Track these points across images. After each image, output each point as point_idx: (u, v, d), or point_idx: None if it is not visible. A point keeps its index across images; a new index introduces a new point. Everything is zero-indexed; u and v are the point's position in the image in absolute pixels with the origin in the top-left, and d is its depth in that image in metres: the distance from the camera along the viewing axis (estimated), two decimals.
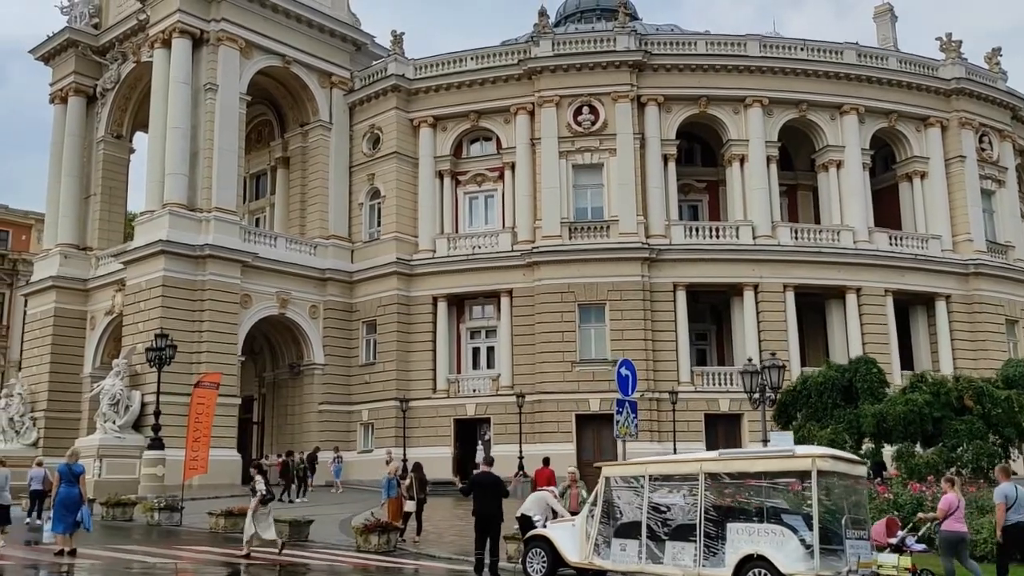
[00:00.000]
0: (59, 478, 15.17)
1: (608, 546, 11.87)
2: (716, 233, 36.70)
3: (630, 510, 11.83)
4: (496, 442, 35.48)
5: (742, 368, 21.76)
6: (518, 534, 14.63)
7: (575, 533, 12.36)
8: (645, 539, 11.42)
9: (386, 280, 37.84)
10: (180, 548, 16.67)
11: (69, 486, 15.02)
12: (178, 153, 34.64)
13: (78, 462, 16.06)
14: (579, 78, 37.04)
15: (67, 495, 14.91)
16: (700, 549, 10.89)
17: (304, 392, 37.89)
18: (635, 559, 11.51)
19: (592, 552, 12.00)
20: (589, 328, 35.60)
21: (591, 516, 12.25)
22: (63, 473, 15.21)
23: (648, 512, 11.50)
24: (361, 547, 17.03)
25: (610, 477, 12.17)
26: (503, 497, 13.63)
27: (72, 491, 14.98)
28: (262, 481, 16.20)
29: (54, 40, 40.50)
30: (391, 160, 38.87)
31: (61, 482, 15.04)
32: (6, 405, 37.23)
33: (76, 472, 15.39)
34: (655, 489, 11.61)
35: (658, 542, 11.35)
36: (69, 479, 15.14)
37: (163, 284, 33.14)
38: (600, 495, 12.16)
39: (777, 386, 19.90)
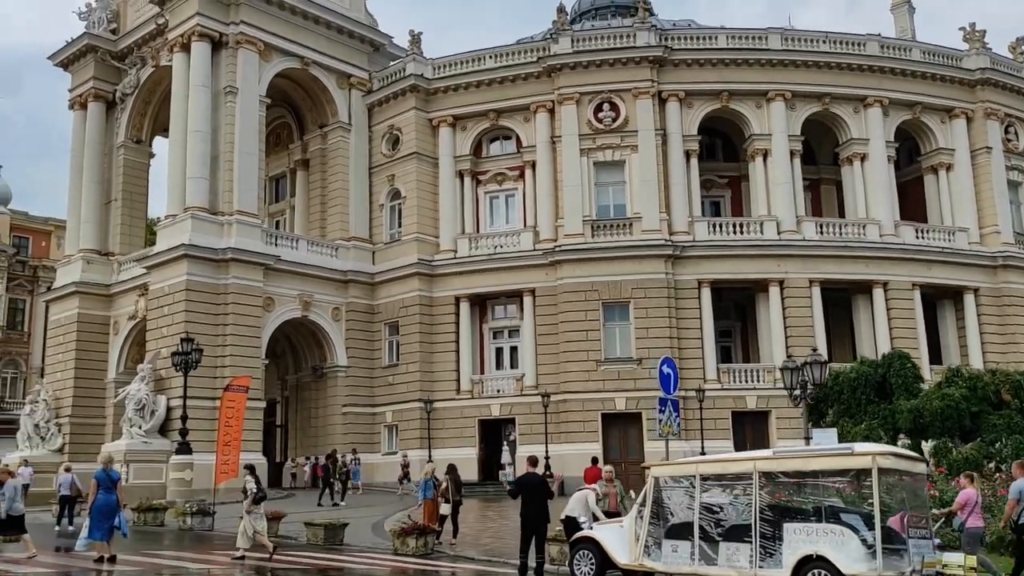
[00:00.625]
0: (97, 484, 15.06)
1: (659, 547, 11.63)
2: (740, 229, 36.36)
3: (681, 510, 11.59)
4: (521, 442, 35.28)
5: (782, 364, 21.41)
6: (560, 535, 14.41)
7: (623, 534, 12.13)
8: (698, 540, 11.17)
9: (408, 281, 37.68)
10: (216, 552, 16.53)
11: (107, 492, 14.95)
12: (199, 157, 34.60)
13: (113, 468, 15.95)
14: (599, 75, 36.78)
15: (105, 501, 14.85)
16: (756, 550, 10.64)
17: (328, 394, 37.79)
18: (687, 560, 11.26)
19: (642, 553, 11.76)
20: (613, 327, 35.31)
21: (640, 517, 12.01)
22: (101, 479, 15.11)
23: (700, 512, 11.25)
24: (398, 550, 16.85)
25: (659, 477, 11.94)
26: (548, 498, 13.41)
27: (110, 497, 14.93)
28: (253, 481, 16.18)
29: (73, 46, 40.55)
30: (411, 160, 38.72)
31: (99, 488, 14.93)
32: (31, 411, 37.31)
33: (113, 478, 15.32)
34: (706, 489, 11.37)
35: (711, 543, 11.10)
36: (107, 485, 15.06)
37: (186, 288, 33.07)
38: (649, 495, 11.92)
39: (819, 382, 19.57)
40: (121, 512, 15.30)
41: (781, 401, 33.92)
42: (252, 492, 15.98)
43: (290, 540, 19.26)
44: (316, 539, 18.31)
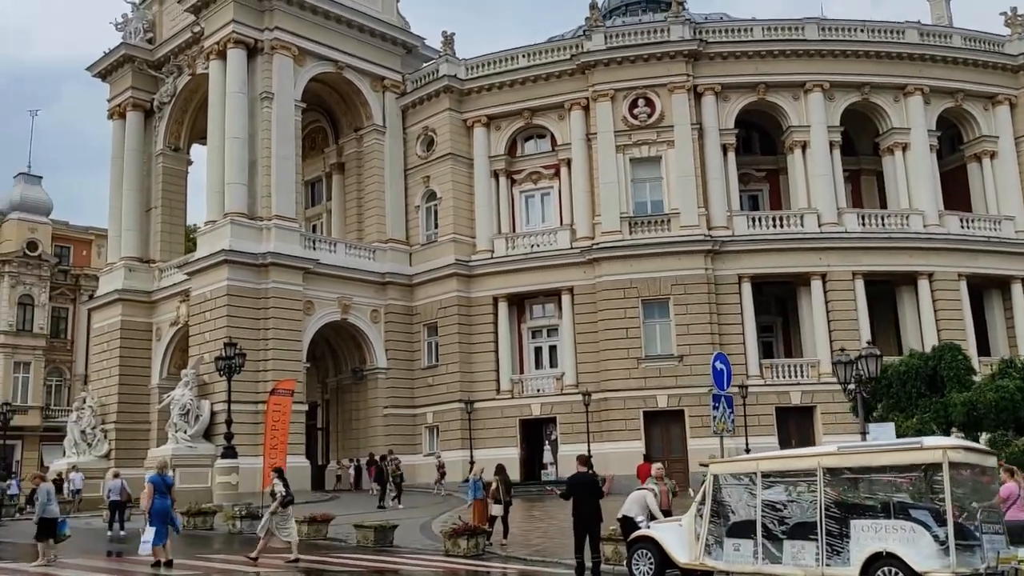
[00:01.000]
0: (153, 489, 15.14)
1: (720, 546, 11.44)
2: (780, 222, 35.92)
3: (742, 508, 11.39)
4: (563, 442, 35.16)
5: (834, 358, 21.03)
6: (614, 534, 14.24)
7: (683, 533, 11.94)
8: (761, 538, 10.96)
9: (446, 282, 37.69)
10: (270, 555, 16.56)
11: (163, 497, 15.06)
12: (237, 163, 34.87)
13: (168, 473, 16.07)
14: (634, 70, 36.52)
15: (163, 506, 14.96)
16: (822, 548, 10.41)
17: (368, 396, 37.91)
18: (750, 559, 11.05)
19: (703, 552, 11.57)
20: (653, 324, 35.04)
21: (699, 515, 11.82)
22: (157, 484, 15.20)
23: (762, 510, 11.04)
24: (449, 551, 16.78)
25: (719, 475, 11.73)
26: (600, 497, 13.26)
27: (166, 502, 15.07)
28: (281, 484, 16.19)
29: (110, 56, 41.07)
30: (446, 161, 38.73)
31: (156, 493, 15.04)
32: (77, 418, 37.81)
33: (168, 483, 15.44)
34: (769, 486, 11.14)
35: (775, 541, 10.88)
36: (163, 490, 15.16)
37: (227, 293, 33.34)
38: (708, 493, 11.72)
39: (875, 376, 19.20)
40: (176, 514, 15.46)
41: (826, 396, 33.69)
42: (280, 495, 15.99)
43: (339, 542, 19.29)
44: (366, 541, 18.29)
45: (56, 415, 55.46)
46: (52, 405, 55.68)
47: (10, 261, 53.66)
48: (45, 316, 55.16)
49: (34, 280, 54.65)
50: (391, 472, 28.77)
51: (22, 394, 52.58)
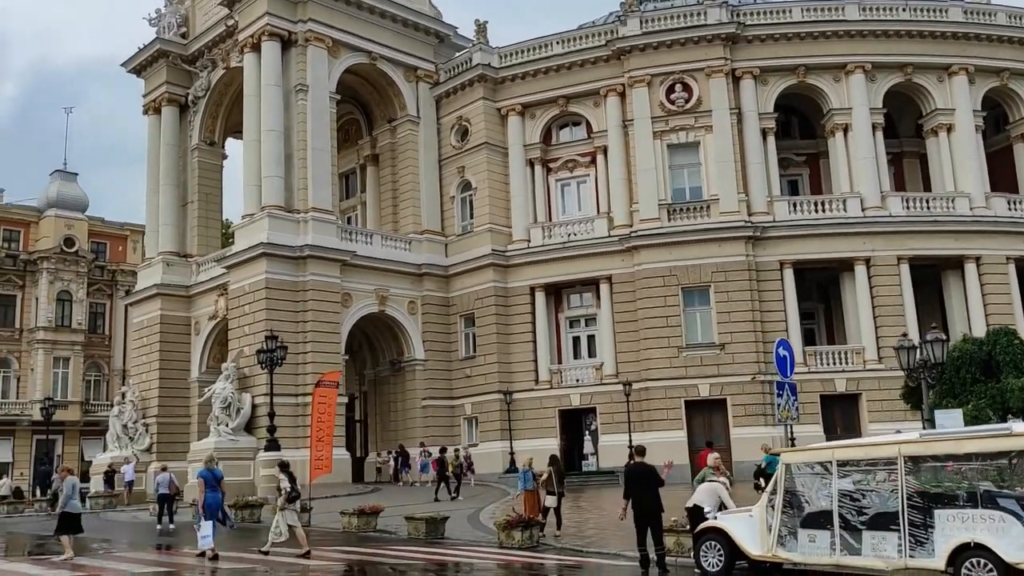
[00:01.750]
0: (204, 483, 15.07)
1: (794, 537, 11.10)
2: (822, 207, 35.29)
3: (817, 498, 11.03)
4: (603, 432, 34.91)
5: (898, 344, 20.54)
6: (675, 525, 13.90)
7: (754, 524, 11.61)
8: (838, 529, 10.61)
9: (482, 272, 37.47)
10: (327, 549, 16.45)
11: (213, 491, 15.05)
12: (273, 156, 34.83)
13: (216, 467, 15.99)
14: (670, 55, 36.02)
15: (214, 500, 14.92)
16: (905, 538, 10.05)
17: (407, 388, 37.83)
18: (827, 551, 10.72)
19: (775, 544, 11.24)
20: (694, 312, 34.61)
21: (770, 505, 11.48)
22: (207, 478, 15.19)
23: (839, 500, 10.69)
24: (503, 543, 16.56)
25: (791, 464, 11.39)
26: (659, 487, 12.96)
27: (217, 496, 15.07)
28: (287, 479, 15.98)
29: (145, 52, 41.18)
30: (481, 151, 38.47)
31: (207, 487, 14.92)
32: (119, 412, 38.07)
33: (218, 476, 15.46)
34: (845, 475, 10.79)
35: (853, 532, 10.54)
36: (212, 484, 15.14)
37: (266, 286, 33.35)
38: (780, 483, 11.39)
39: (941, 361, 18.71)
40: (226, 507, 15.52)
41: (872, 383, 33.21)
42: (286, 490, 15.78)
43: (389, 534, 19.15)
44: (418, 533, 18.14)
45: (95, 410, 56.02)
46: (91, 400, 56.22)
47: (48, 258, 54.17)
48: (83, 312, 55.66)
49: (72, 276, 55.14)
50: (455, 464, 28.27)
51: (62, 389, 53.11)
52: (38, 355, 53.39)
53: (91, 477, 38.95)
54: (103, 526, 24.82)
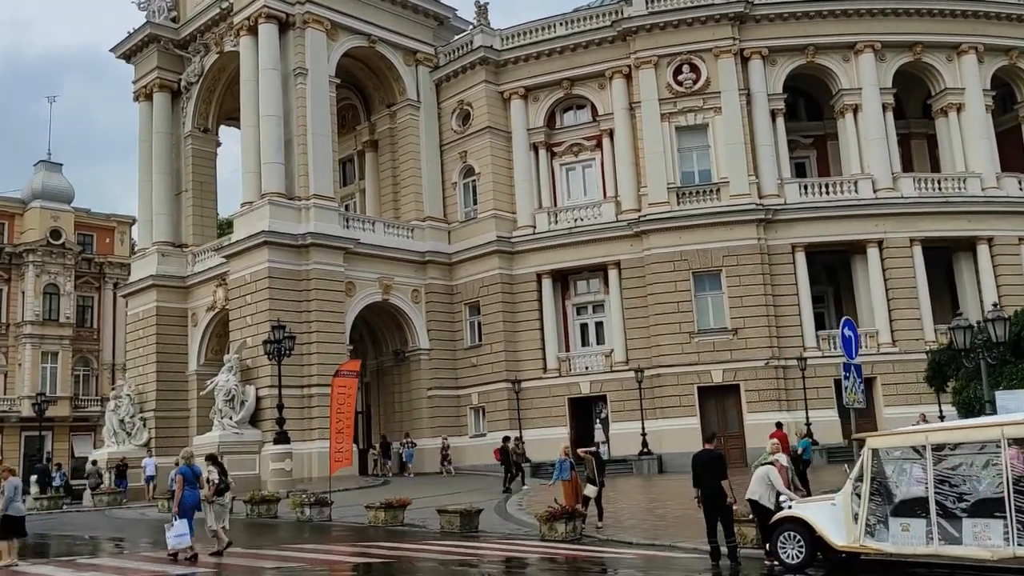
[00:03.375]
0: (183, 481, 14.43)
1: (884, 526, 10.50)
2: (833, 189, 34.80)
3: (908, 485, 10.43)
4: (614, 420, 34.38)
5: (952, 323, 20.01)
6: (743, 515, 13.23)
7: (837, 513, 11.00)
8: (935, 517, 10.01)
9: (487, 260, 36.73)
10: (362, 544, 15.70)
11: (192, 488, 14.47)
12: (273, 141, 33.87)
13: (196, 463, 15.37)
14: (677, 35, 35.33)
15: (192, 497, 14.37)
16: (1012, 526, 9.48)
17: (411, 378, 37.08)
18: (922, 540, 10.12)
19: (863, 534, 10.64)
20: (705, 297, 34.06)
21: (855, 493, 10.87)
22: (187, 475, 14.52)
23: (936, 486, 10.08)
24: (546, 536, 15.90)
25: (879, 449, 10.76)
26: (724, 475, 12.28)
27: (195, 494, 14.50)
28: (216, 471, 15.45)
29: (135, 37, 39.96)
30: (484, 135, 37.66)
31: (186, 485, 14.38)
32: (116, 407, 37.03)
33: (197, 473, 14.84)
34: (940, 460, 10.19)
35: (953, 520, 9.95)
36: (192, 481, 14.54)
37: (269, 276, 32.45)
38: (866, 469, 10.77)
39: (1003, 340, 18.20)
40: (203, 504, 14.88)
41: (886, 367, 32.91)
42: (213, 483, 15.20)
43: (419, 528, 18.43)
44: (451, 527, 17.43)
45: (85, 405, 54.88)
46: (82, 395, 55.02)
47: (34, 250, 52.85)
48: (71, 305, 54.40)
49: (59, 269, 53.85)
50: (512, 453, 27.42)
51: (51, 384, 51.88)
52: (26, 350, 52.14)
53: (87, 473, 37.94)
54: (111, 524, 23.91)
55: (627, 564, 13.29)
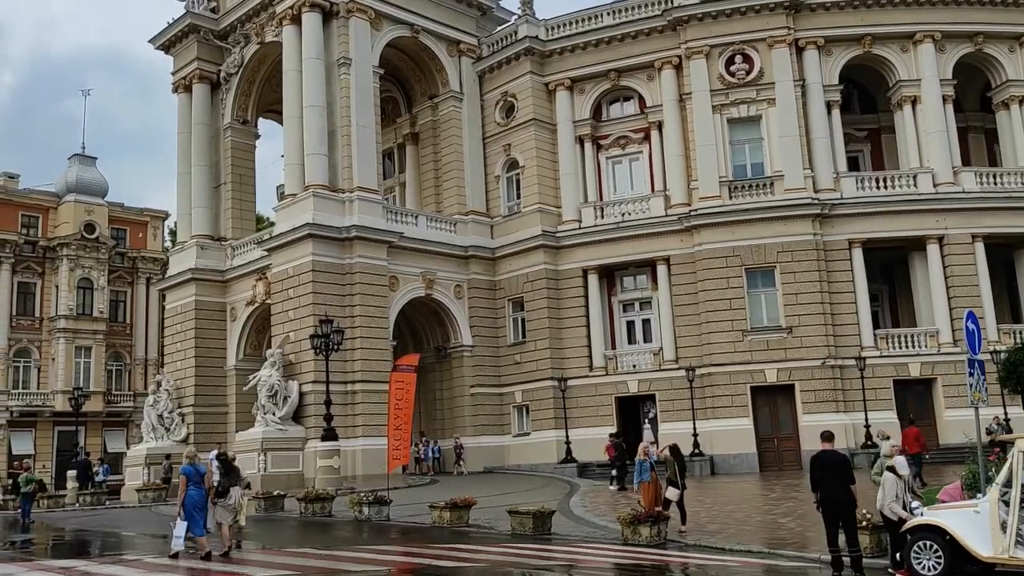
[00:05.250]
0: (187, 479, 14.11)
1: None
2: (891, 183, 33.71)
3: None
4: (663, 420, 33.47)
5: None
6: (868, 521, 12.24)
7: (982, 521, 10.09)
8: None
9: (532, 255, 35.92)
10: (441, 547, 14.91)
11: (197, 487, 14.13)
12: (316, 133, 33.22)
13: (200, 463, 15.13)
14: (730, 25, 34.36)
15: (198, 497, 14.05)
16: None
17: (453, 376, 36.32)
18: None
19: (1014, 544, 9.74)
20: (758, 293, 33.07)
21: (1003, 500, 9.96)
22: (190, 474, 14.18)
23: None
24: (628, 539, 15.09)
25: None
26: (851, 479, 11.37)
27: (201, 491, 14.16)
28: (220, 471, 15.38)
29: (175, 27, 39.43)
30: (528, 128, 36.85)
31: (189, 484, 14.04)
32: (154, 402, 36.52)
33: (201, 472, 14.54)
34: None
35: None
36: (196, 480, 14.22)
37: (312, 269, 31.79)
38: (1017, 473, 9.87)
39: None
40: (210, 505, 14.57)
41: (948, 368, 31.76)
42: (212, 485, 14.92)
43: (486, 530, 17.64)
44: (523, 529, 16.62)
45: (117, 400, 54.53)
46: (114, 390, 54.66)
47: (68, 244, 52.50)
48: (104, 300, 54.04)
49: (92, 263, 53.49)
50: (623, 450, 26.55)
51: (84, 379, 51.48)
52: (59, 344, 51.80)
53: (125, 469, 37.51)
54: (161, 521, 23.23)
55: (739, 573, 12.39)
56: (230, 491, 15.18)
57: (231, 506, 15.12)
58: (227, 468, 15.63)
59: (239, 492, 15.52)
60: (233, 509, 15.15)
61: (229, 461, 16.11)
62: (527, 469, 34.16)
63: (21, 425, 50.80)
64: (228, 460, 16.16)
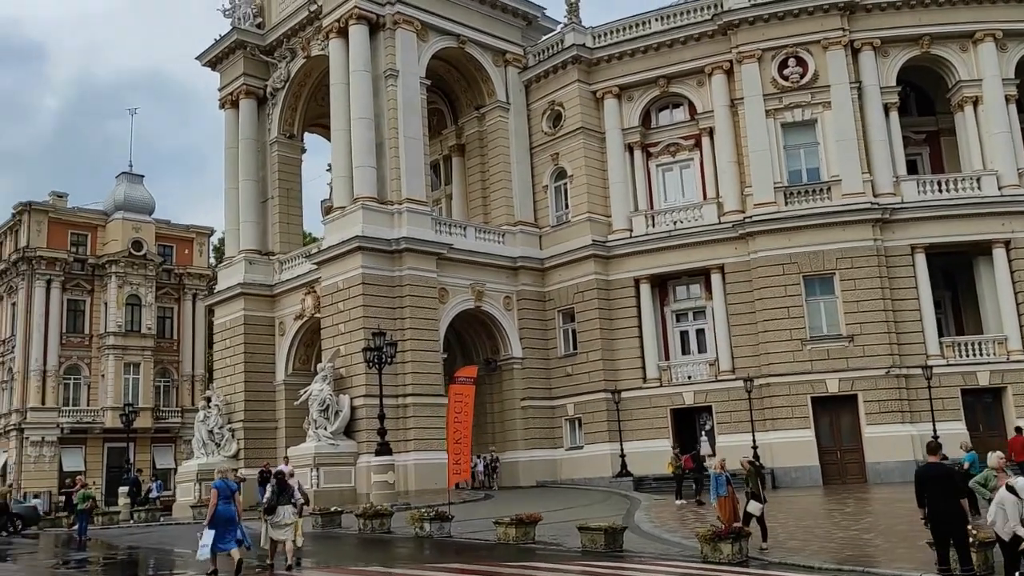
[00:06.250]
0: (217, 493, 14.01)
1: None
2: (953, 186, 32.67)
3: None
4: (720, 432, 32.60)
5: None
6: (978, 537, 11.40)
7: None
8: None
9: (582, 265, 35.37)
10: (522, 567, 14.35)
11: (226, 502, 13.99)
12: (365, 145, 33.03)
13: (231, 478, 14.94)
14: (783, 28, 33.64)
15: (227, 512, 13.88)
16: None
17: (503, 389, 35.81)
18: None
19: None
20: (817, 301, 32.17)
21: None
22: (221, 489, 14.08)
23: None
24: (708, 557, 14.41)
25: None
26: (960, 493, 10.63)
27: (230, 507, 13.99)
28: (272, 488, 15.43)
29: (221, 44, 39.58)
30: (577, 136, 36.38)
31: (219, 498, 13.92)
32: (204, 417, 36.42)
33: (233, 489, 14.40)
34: None
35: None
36: (227, 495, 14.10)
37: (362, 282, 31.52)
38: None
39: None
40: (242, 523, 14.37)
41: (1018, 376, 30.61)
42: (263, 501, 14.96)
43: (554, 547, 17.05)
44: (595, 545, 16.01)
45: (165, 416, 54.80)
46: (162, 406, 54.95)
47: (117, 261, 53.05)
48: (152, 316, 54.44)
49: (140, 280, 53.97)
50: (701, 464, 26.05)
51: (132, 395, 51.79)
52: (109, 361, 52.24)
53: (176, 485, 37.46)
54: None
55: None
56: (277, 509, 15.06)
57: (280, 524, 14.96)
58: (281, 486, 15.47)
59: (291, 510, 15.32)
60: (283, 527, 14.97)
61: (284, 479, 15.90)
62: (581, 483, 33.52)
63: (72, 442, 51.27)
64: (283, 477, 15.94)
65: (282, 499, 15.24)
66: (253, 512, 20.96)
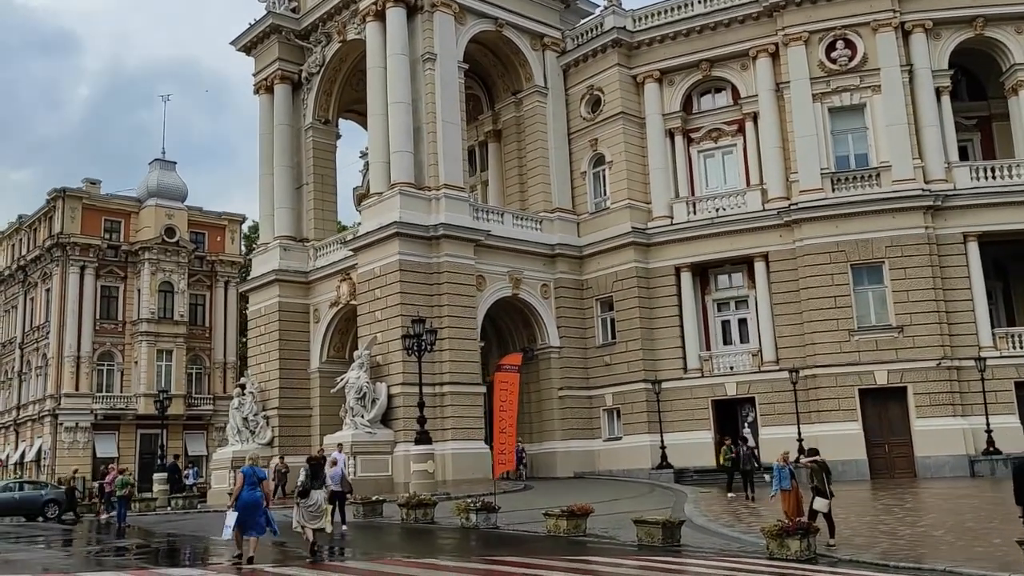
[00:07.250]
0: (244, 479, 13.97)
1: None
2: (1008, 173, 31.62)
3: None
4: (764, 424, 31.88)
5: None
6: None
7: None
8: None
9: (621, 252, 34.70)
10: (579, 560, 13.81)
11: (252, 488, 13.90)
12: (402, 129, 32.53)
13: (259, 465, 14.89)
14: (830, 9, 32.68)
15: (252, 498, 13.78)
16: None
17: (540, 378, 35.26)
18: None
19: None
20: (865, 291, 31.30)
21: None
22: (248, 475, 14.03)
23: None
24: (775, 553, 13.79)
25: None
26: None
27: (255, 493, 13.90)
28: (306, 473, 15.69)
29: (256, 28, 39.22)
30: (616, 122, 35.66)
31: (245, 484, 13.87)
32: (239, 404, 36.16)
33: (260, 476, 14.34)
34: None
35: None
36: (253, 481, 14.01)
37: (400, 268, 31.07)
38: None
39: None
40: (270, 511, 14.34)
41: None
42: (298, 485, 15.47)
43: (607, 540, 16.48)
44: (651, 539, 15.43)
45: (197, 403, 54.85)
46: (194, 394, 54.99)
47: (150, 248, 53.09)
48: (184, 303, 54.42)
49: (173, 267, 53.98)
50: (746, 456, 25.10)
51: (165, 382, 51.86)
52: (142, 348, 52.33)
53: (211, 472, 37.28)
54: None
55: None
56: (311, 493, 15.27)
57: (311, 508, 15.10)
58: (314, 471, 15.73)
59: (323, 495, 15.68)
60: (314, 512, 15.15)
61: (318, 463, 16.20)
62: (619, 475, 33.00)
63: (105, 428, 51.45)
64: (317, 462, 16.25)
65: (315, 484, 15.48)
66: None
